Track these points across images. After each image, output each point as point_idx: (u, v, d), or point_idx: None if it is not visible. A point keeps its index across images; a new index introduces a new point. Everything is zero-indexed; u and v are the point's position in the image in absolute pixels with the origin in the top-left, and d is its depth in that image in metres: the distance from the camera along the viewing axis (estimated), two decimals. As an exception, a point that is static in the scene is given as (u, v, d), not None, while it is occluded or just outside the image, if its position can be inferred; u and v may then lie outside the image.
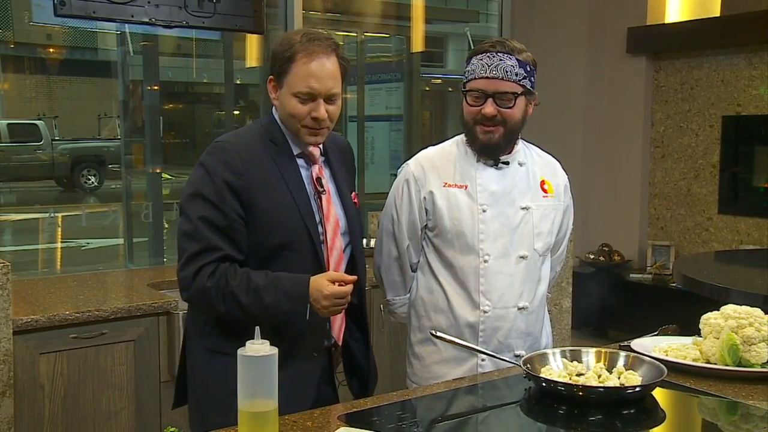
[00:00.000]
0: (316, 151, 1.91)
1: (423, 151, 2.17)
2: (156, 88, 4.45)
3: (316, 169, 1.91)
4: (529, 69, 1.99)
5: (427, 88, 7.42)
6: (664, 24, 5.26)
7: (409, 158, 2.18)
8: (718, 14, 5.06)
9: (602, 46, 5.47)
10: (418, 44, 5.85)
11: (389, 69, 6.46)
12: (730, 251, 4.84)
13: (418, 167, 2.11)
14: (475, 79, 1.99)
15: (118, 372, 2.83)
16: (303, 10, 4.48)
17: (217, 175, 1.77)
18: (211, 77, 8.39)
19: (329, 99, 1.81)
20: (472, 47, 2.12)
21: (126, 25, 4.10)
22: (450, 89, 7.82)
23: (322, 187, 1.89)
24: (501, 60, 1.95)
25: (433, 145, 2.19)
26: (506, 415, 1.68)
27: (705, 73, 5.11)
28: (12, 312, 2.55)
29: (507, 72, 1.95)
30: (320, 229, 1.87)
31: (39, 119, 9.89)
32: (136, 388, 2.88)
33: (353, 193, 2.02)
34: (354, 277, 1.79)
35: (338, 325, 1.97)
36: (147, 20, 3.63)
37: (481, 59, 1.97)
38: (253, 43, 4.88)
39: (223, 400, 1.75)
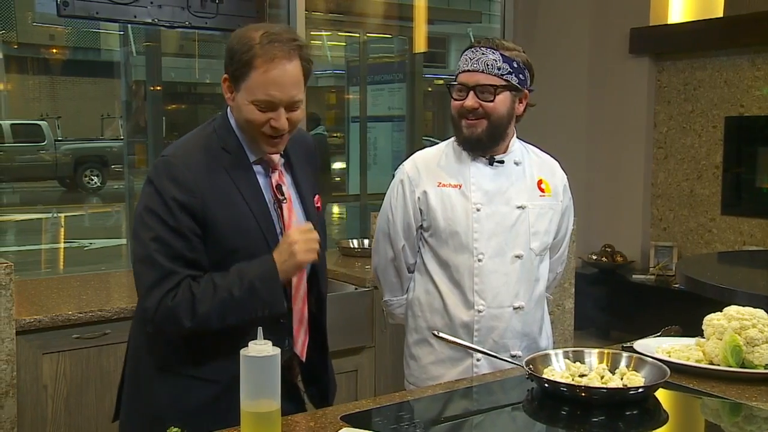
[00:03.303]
0: (275, 157, 1.77)
1: (419, 152, 2.18)
2: (159, 88, 4.47)
3: (276, 175, 1.78)
4: (516, 66, 1.99)
5: (430, 89, 7.42)
6: (667, 25, 5.25)
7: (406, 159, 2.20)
8: (721, 15, 5.05)
9: (605, 46, 5.47)
10: (420, 45, 5.85)
11: (392, 69, 6.46)
12: (733, 252, 4.83)
13: (412, 168, 2.12)
14: (459, 73, 2.03)
15: (121, 372, 2.83)
16: (306, 10, 4.49)
17: (166, 194, 1.64)
18: (213, 78, 8.40)
19: (291, 106, 1.66)
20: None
21: (129, 25, 4.11)
22: (452, 90, 7.79)
23: (282, 195, 1.77)
24: (483, 54, 1.98)
25: (430, 146, 2.20)
26: (509, 416, 1.68)
27: (708, 74, 5.10)
28: (15, 312, 2.55)
29: (488, 65, 1.97)
30: (280, 239, 1.73)
31: (42, 120, 9.91)
32: (138, 388, 2.88)
33: (316, 196, 1.90)
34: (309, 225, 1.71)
35: (301, 341, 1.83)
36: (150, 21, 3.64)
37: (466, 54, 2.02)
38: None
39: (170, 419, 1.57)
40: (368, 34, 6.23)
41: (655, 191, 5.45)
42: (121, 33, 4.97)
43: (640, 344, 1.99)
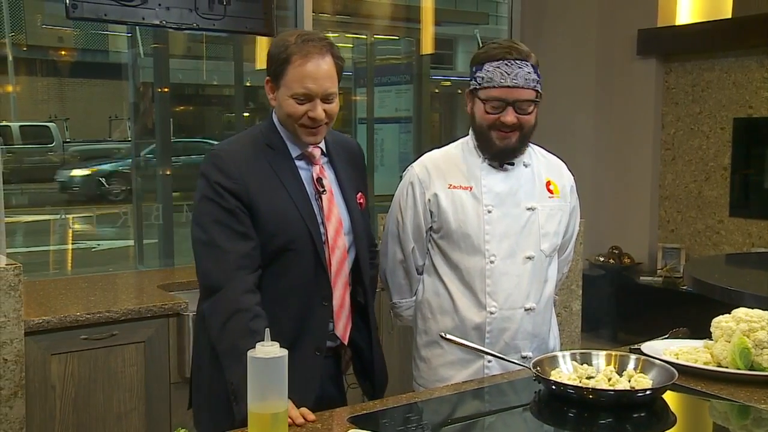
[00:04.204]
0: (316, 152, 1.92)
1: (427, 154, 2.17)
2: (166, 90, 4.47)
3: (316, 169, 1.91)
4: (538, 72, 2.01)
5: (437, 90, 7.42)
6: (674, 26, 5.24)
7: (415, 160, 2.18)
8: (729, 16, 5.04)
9: (612, 48, 5.45)
10: (427, 46, 5.85)
11: (399, 71, 6.46)
12: (742, 254, 4.82)
13: (422, 170, 2.11)
14: (493, 87, 1.97)
15: (129, 373, 2.85)
16: (313, 12, 4.49)
17: (213, 180, 1.81)
18: (221, 79, 8.42)
19: (326, 98, 1.83)
20: (482, 49, 2.14)
21: (137, 27, 4.12)
22: (459, 91, 7.80)
23: (322, 187, 1.90)
24: (519, 68, 1.96)
25: (438, 147, 2.19)
26: (516, 418, 1.68)
27: (716, 75, 5.08)
28: (23, 313, 2.56)
29: (526, 80, 1.97)
30: (322, 229, 1.88)
31: (50, 121, 9.95)
32: (146, 389, 2.89)
33: (360, 194, 2.01)
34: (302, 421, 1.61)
35: (343, 324, 1.94)
36: (158, 23, 3.65)
37: (498, 67, 1.96)
38: (263, 46, 4.89)
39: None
40: (375, 36, 6.24)
41: (663, 193, 5.43)
42: (129, 35, 4.99)
43: (647, 346, 1.98)
